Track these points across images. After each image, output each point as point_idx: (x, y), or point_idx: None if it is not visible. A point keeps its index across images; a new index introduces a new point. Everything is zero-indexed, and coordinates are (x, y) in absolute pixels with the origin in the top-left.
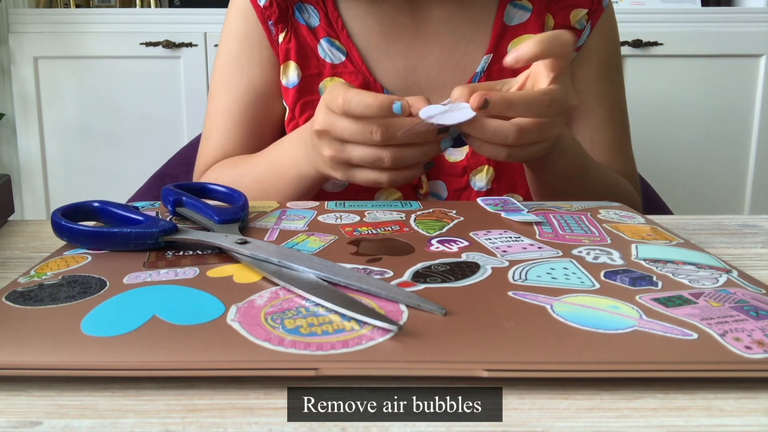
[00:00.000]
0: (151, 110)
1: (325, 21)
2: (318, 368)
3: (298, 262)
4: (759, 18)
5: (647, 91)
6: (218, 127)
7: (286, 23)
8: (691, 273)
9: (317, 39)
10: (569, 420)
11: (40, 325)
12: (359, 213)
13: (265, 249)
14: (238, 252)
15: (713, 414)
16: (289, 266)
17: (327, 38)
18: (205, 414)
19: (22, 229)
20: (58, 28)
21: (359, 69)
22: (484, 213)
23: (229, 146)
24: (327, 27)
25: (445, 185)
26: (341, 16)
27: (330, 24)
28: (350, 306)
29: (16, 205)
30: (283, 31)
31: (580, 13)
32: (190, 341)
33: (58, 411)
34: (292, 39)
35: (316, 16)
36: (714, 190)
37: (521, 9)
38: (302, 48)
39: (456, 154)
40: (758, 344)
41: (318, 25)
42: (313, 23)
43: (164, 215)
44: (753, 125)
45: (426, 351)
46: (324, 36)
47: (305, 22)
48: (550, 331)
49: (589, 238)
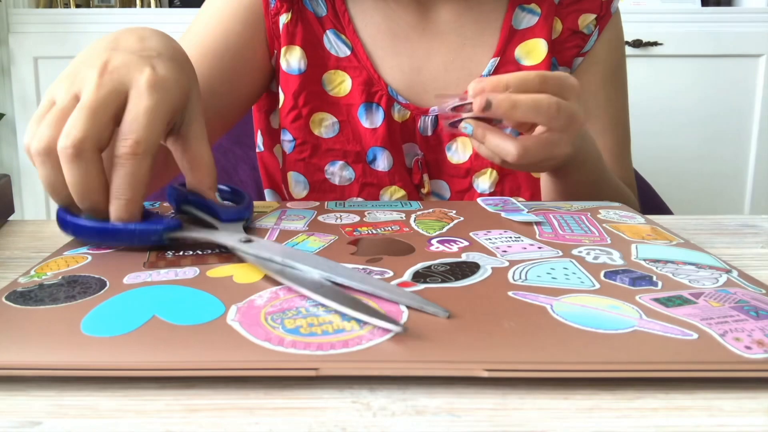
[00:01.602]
0: None
1: (332, 12)
2: (318, 368)
3: (302, 261)
4: (759, 18)
5: (647, 91)
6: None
7: (292, 5)
8: (691, 273)
9: (324, 29)
10: (569, 420)
11: (40, 325)
12: (359, 213)
13: (269, 248)
14: (243, 251)
15: (713, 414)
16: (293, 265)
17: (333, 30)
18: (205, 414)
19: (22, 229)
20: (58, 28)
21: (364, 65)
22: (484, 213)
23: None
24: (334, 18)
25: (447, 186)
26: (348, 10)
27: (337, 16)
28: (354, 306)
29: (16, 205)
30: (288, 12)
31: (589, 17)
32: (190, 341)
33: (58, 411)
34: (299, 23)
35: (323, 5)
36: (714, 190)
37: (530, 13)
38: (309, 35)
39: (459, 155)
40: (758, 344)
41: (325, 15)
42: (320, 12)
43: (165, 214)
44: (753, 125)
45: (426, 351)
46: (330, 27)
47: (313, 10)
48: (550, 331)
49: (589, 238)
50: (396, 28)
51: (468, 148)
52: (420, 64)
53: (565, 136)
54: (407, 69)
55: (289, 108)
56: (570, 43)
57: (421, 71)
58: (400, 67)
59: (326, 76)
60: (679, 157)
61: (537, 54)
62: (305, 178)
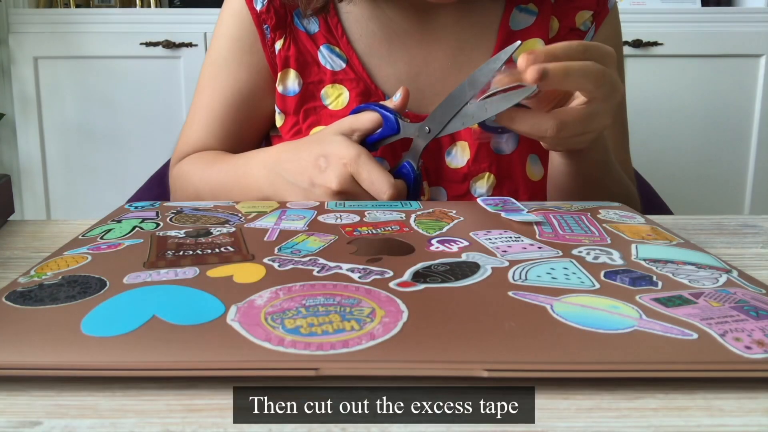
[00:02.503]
0: (151, 110)
1: (324, 27)
2: (318, 368)
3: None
4: (759, 18)
5: (647, 91)
6: (200, 120)
7: (285, 30)
8: (691, 273)
9: (317, 45)
10: (569, 420)
11: (40, 325)
12: (359, 213)
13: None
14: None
15: (713, 414)
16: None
17: (327, 45)
18: (205, 414)
19: (22, 229)
20: (58, 28)
21: (360, 76)
22: (484, 213)
23: (209, 140)
24: (326, 33)
25: (445, 191)
26: (341, 22)
27: (329, 30)
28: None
29: (16, 205)
30: (282, 38)
31: (586, 14)
32: (190, 341)
33: (58, 411)
34: (291, 46)
35: (315, 22)
36: (714, 190)
37: (527, 13)
38: (302, 55)
39: (458, 159)
40: (758, 344)
41: (317, 32)
42: (312, 29)
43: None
44: (753, 125)
45: (426, 351)
46: (324, 43)
47: (304, 29)
48: (550, 331)
49: (589, 238)
50: (392, 35)
51: (466, 153)
52: (418, 70)
53: (605, 106)
54: (404, 76)
55: (290, 126)
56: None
57: (419, 77)
58: (396, 75)
59: (325, 91)
60: (679, 157)
61: None
62: None
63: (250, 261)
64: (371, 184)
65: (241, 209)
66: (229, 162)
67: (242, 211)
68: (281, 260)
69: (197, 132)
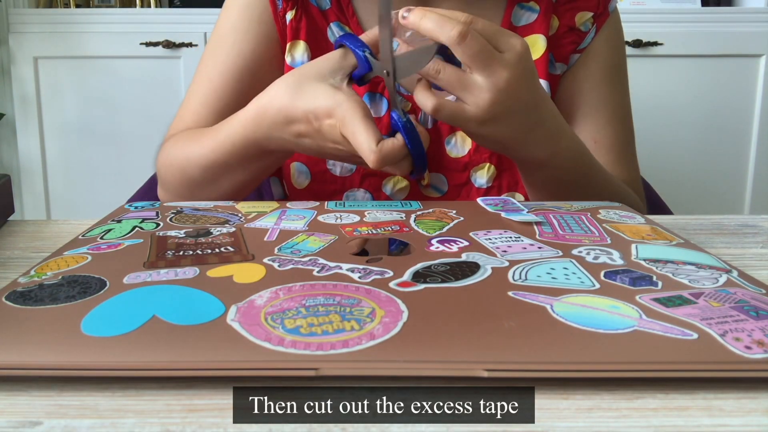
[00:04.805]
0: (151, 110)
1: (336, 5)
2: (318, 368)
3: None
4: (759, 18)
5: (647, 91)
6: (197, 93)
7: (297, 1)
8: (691, 273)
9: (327, 22)
10: (569, 420)
11: (40, 325)
12: (359, 213)
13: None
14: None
15: (713, 414)
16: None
17: (337, 22)
18: (205, 414)
19: (22, 229)
20: (58, 28)
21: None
22: (484, 213)
23: (204, 114)
24: (338, 11)
25: (445, 179)
26: (352, 2)
27: (341, 9)
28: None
29: (16, 205)
30: (293, 9)
31: (586, 15)
32: (190, 341)
33: (58, 411)
34: (303, 18)
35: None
36: (714, 190)
37: (528, 10)
38: (313, 29)
39: (458, 149)
40: (758, 344)
41: (329, 8)
42: (324, 5)
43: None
44: (753, 125)
45: (426, 351)
46: (334, 20)
47: (316, 3)
48: (550, 331)
49: (589, 238)
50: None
51: (467, 143)
52: None
53: (474, 113)
54: None
55: None
56: (566, 40)
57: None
58: None
59: None
60: (679, 157)
61: (536, 49)
62: (307, 168)
63: (250, 261)
64: (357, 150)
65: (241, 209)
66: (214, 129)
67: (242, 211)
68: (281, 260)
69: (193, 106)
